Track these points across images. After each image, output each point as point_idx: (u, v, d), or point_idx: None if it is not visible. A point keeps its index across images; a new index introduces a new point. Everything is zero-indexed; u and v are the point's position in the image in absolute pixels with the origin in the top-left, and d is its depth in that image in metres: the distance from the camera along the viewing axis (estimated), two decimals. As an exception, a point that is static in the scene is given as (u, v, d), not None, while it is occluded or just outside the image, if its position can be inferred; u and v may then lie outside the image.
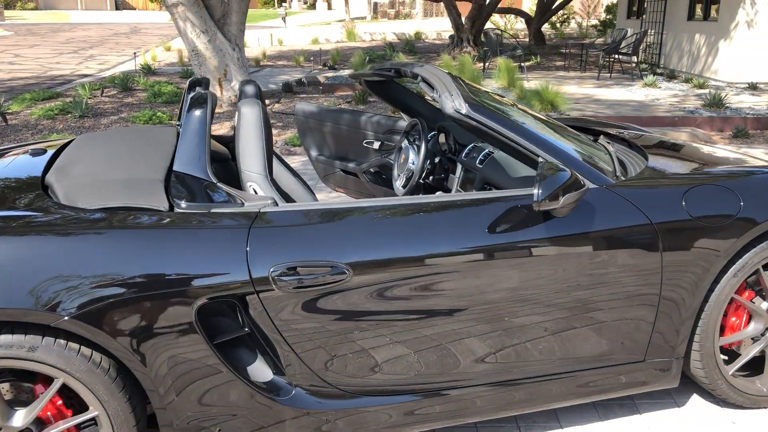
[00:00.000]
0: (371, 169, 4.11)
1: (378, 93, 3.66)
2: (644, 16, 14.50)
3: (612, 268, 2.32)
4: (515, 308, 2.27)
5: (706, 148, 3.31)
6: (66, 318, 1.93)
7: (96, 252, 2.01)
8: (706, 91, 10.64)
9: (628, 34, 13.04)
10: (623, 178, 2.51)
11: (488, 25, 18.25)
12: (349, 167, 4.17)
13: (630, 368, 2.48)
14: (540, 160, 2.36)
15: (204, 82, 3.13)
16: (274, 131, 8.27)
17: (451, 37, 17.38)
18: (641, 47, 13.50)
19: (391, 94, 3.68)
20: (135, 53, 16.30)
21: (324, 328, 2.15)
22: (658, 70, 13.33)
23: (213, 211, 2.16)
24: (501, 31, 13.79)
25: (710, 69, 11.84)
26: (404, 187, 3.47)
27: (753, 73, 11.08)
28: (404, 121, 3.98)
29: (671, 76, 12.54)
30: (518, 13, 19.70)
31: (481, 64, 12.99)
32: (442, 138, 3.59)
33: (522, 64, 11.76)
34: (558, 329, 2.35)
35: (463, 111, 2.36)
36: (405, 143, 3.52)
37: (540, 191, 2.14)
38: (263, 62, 16.48)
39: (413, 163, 3.33)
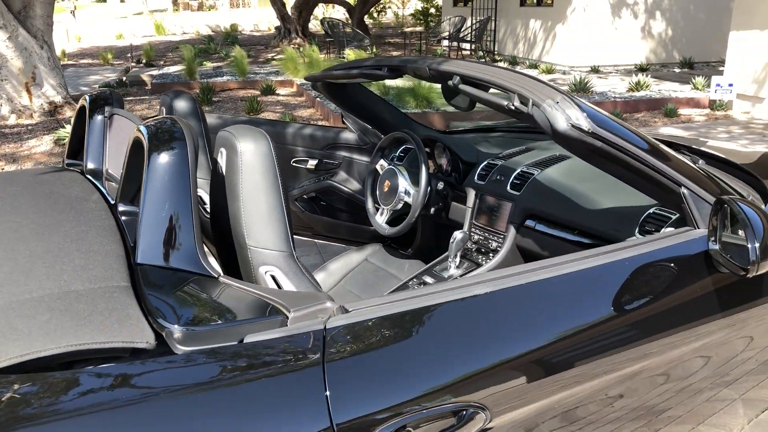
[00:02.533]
0: (305, 195, 3.18)
1: (335, 97, 2.73)
2: (472, 3, 14.49)
3: None
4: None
5: None
6: None
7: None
8: (557, 75, 10.71)
9: (466, 23, 12.92)
10: None
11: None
12: None
13: None
14: (684, 191, 1.64)
15: (115, 99, 2.01)
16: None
17: (277, 28, 16.30)
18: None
19: (352, 100, 2.77)
20: None
21: None
22: (497, 57, 13.37)
23: (247, 341, 1.17)
24: (333, 20, 13.03)
25: (549, 54, 12.01)
26: (392, 224, 2.59)
27: (592, 57, 11.38)
28: (350, 134, 3.08)
29: (513, 62, 12.59)
30: (341, 3, 19.05)
31: (325, 55, 12.10)
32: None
33: (371, 54, 11.10)
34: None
35: (586, 127, 1.55)
36: (382, 163, 2.64)
37: (756, 245, 1.42)
38: (65, 61, 14.33)
39: (406, 192, 2.47)
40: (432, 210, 2.53)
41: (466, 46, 13.58)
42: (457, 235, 2.31)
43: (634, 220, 1.89)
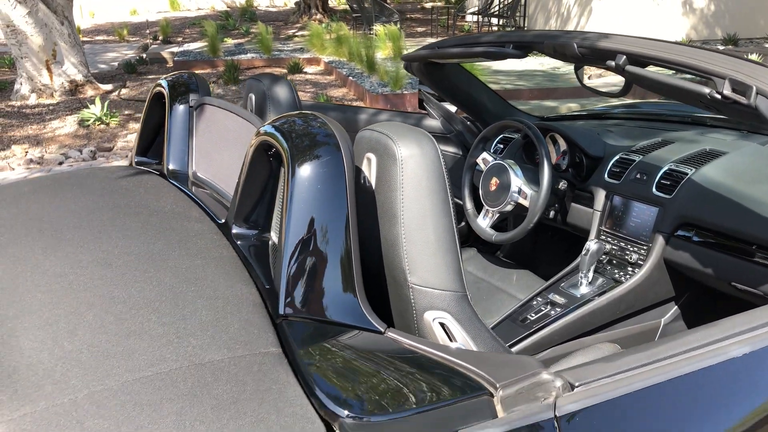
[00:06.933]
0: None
1: (432, 79, 2.36)
2: (500, -23, 13.92)
3: None
4: None
5: None
6: None
7: None
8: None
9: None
10: None
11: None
12: None
13: None
14: None
15: (201, 85, 1.65)
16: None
17: (297, 3, 15.84)
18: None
19: (450, 83, 2.40)
20: None
21: None
22: (527, 33, 12.86)
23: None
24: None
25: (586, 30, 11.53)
26: (498, 228, 2.23)
27: (631, 33, 10.88)
28: (432, 120, 2.71)
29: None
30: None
31: (353, 31, 11.64)
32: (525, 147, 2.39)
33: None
34: None
35: None
36: (485, 157, 2.27)
37: None
38: (80, 38, 13.93)
39: (519, 192, 2.10)
40: (551, 213, 2.17)
41: (495, 21, 13.09)
42: (591, 246, 1.95)
43: None
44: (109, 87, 8.14)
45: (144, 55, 10.42)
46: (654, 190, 1.92)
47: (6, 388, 0.80)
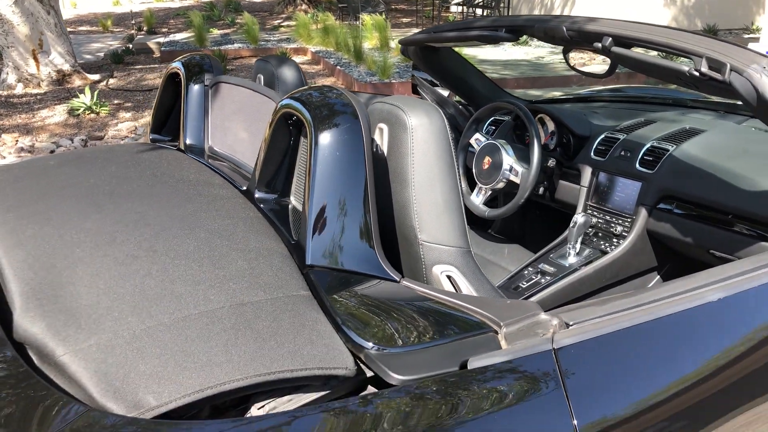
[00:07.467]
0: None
1: (427, 63, 2.47)
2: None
3: None
4: None
5: None
6: None
7: None
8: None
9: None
10: None
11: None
12: None
13: None
14: None
15: (214, 65, 1.75)
16: (124, 117, 6.55)
17: (281, -7, 15.86)
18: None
19: (444, 66, 2.51)
20: None
21: None
22: (511, 24, 12.99)
23: (472, 366, 0.94)
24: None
25: (566, 21, 11.67)
26: (490, 205, 2.35)
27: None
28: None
29: (528, 29, 12.22)
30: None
31: (339, 22, 11.71)
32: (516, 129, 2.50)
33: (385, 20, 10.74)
34: None
35: None
36: (478, 138, 2.39)
37: None
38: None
39: (511, 170, 2.22)
40: (540, 189, 2.29)
41: (479, 12, 13.20)
42: (578, 218, 2.07)
43: (813, 203, 1.65)
44: (96, 77, 8.16)
45: (130, 46, 10.42)
46: (637, 165, 2.05)
47: (71, 324, 0.90)
